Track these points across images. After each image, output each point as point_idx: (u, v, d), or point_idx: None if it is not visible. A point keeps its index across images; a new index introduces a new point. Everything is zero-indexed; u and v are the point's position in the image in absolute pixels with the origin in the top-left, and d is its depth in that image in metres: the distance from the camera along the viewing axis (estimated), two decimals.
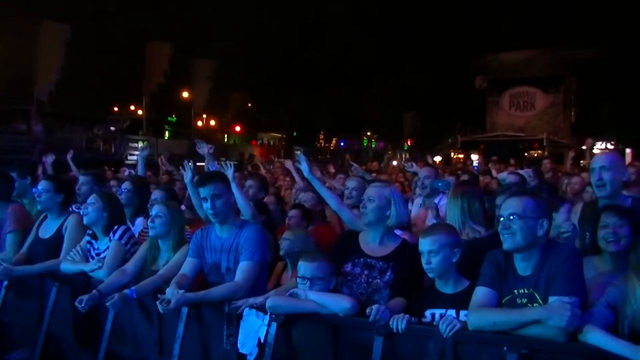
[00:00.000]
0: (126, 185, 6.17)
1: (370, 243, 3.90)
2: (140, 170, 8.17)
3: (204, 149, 6.83)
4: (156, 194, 5.71)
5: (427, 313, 3.48)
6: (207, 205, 4.13)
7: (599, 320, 2.96)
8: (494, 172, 11.60)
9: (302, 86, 35.74)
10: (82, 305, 4.02)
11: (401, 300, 3.55)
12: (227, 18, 34.79)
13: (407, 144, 55.64)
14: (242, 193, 5.20)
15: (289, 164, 9.45)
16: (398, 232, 4.54)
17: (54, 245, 5.14)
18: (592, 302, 3.13)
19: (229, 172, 4.92)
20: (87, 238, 5.00)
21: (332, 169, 14.39)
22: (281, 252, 4.84)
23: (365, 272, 3.78)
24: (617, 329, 2.99)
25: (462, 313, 3.33)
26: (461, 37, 38.49)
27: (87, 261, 4.86)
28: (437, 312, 3.46)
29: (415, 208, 6.25)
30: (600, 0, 35.27)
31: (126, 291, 4.10)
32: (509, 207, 3.19)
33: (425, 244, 3.46)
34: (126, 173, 11.42)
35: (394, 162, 30.12)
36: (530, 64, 41.04)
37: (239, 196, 4.95)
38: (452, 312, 3.40)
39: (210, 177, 4.32)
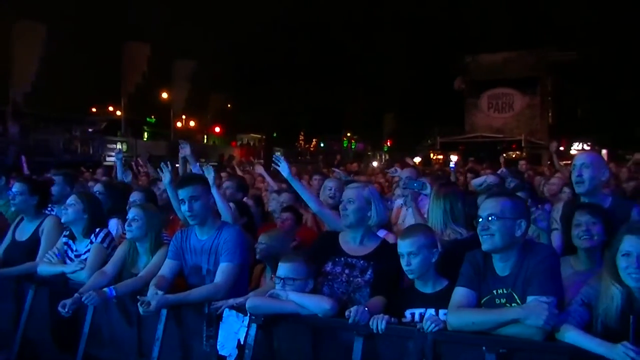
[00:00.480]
0: (98, 187, 6.15)
1: (351, 243, 3.92)
2: (119, 173, 8.09)
3: (186, 150, 6.80)
4: (134, 197, 5.64)
5: (407, 313, 3.51)
6: (184, 207, 4.15)
7: (575, 318, 3.00)
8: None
9: (282, 87, 35.70)
10: (66, 310, 3.97)
11: (381, 299, 3.57)
12: (206, 19, 34.64)
13: (387, 144, 55.92)
14: (221, 197, 5.18)
15: (259, 168, 9.43)
16: (382, 232, 4.57)
17: (30, 248, 5.07)
18: (568, 300, 3.17)
19: (210, 177, 4.92)
20: (65, 239, 4.93)
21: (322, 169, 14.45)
22: (258, 256, 4.83)
23: (346, 271, 3.79)
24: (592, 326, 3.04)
25: (442, 312, 3.36)
26: (440, 39, 38.73)
27: (65, 263, 4.80)
28: (417, 311, 3.49)
29: (395, 209, 6.27)
30: (576, 4, 35.68)
31: (105, 289, 4.08)
32: (487, 208, 3.22)
33: (404, 246, 3.48)
34: (99, 174, 11.27)
35: (374, 163, 30.24)
36: (508, 66, 41.39)
37: (219, 200, 4.95)
38: (431, 312, 3.43)
39: (189, 179, 4.32)
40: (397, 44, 38.27)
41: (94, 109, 43.49)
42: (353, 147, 61.93)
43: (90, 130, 33.38)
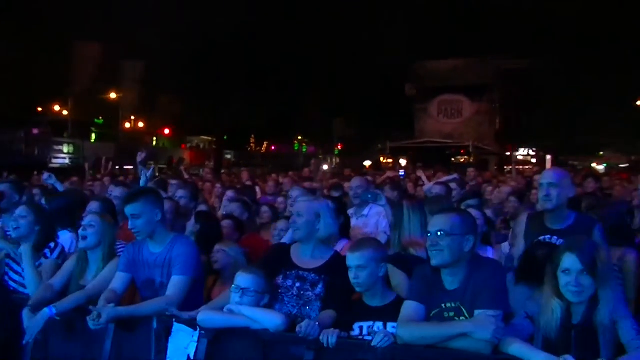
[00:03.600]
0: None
1: (302, 255, 3.91)
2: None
3: (141, 156, 6.70)
4: (92, 206, 5.43)
5: (355, 326, 3.52)
6: (130, 223, 4.11)
7: (519, 331, 3.11)
8: (424, 179, 11.90)
9: (233, 90, 35.46)
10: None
11: (331, 313, 3.58)
12: (156, 20, 34.11)
13: (338, 148, 56.24)
14: None
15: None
16: (344, 241, 4.61)
17: None
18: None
19: (143, 179, 4.84)
20: (6, 260, 4.70)
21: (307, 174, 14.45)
22: (215, 266, 4.79)
23: (297, 284, 3.78)
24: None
25: (390, 325, 3.39)
26: (391, 45, 39.12)
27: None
28: (365, 325, 3.50)
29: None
30: (523, 14, 36.64)
31: (45, 309, 3.93)
32: (436, 224, 3.29)
33: (352, 259, 3.50)
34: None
35: (325, 167, 30.32)
36: (457, 73, 42.23)
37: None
38: (379, 325, 3.46)
39: (132, 196, 4.24)
40: (348, 48, 38.48)
41: (39, 109, 42.32)
42: (304, 150, 62.08)
43: (35, 131, 32.47)
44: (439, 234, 3.22)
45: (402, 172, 15.65)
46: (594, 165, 42.73)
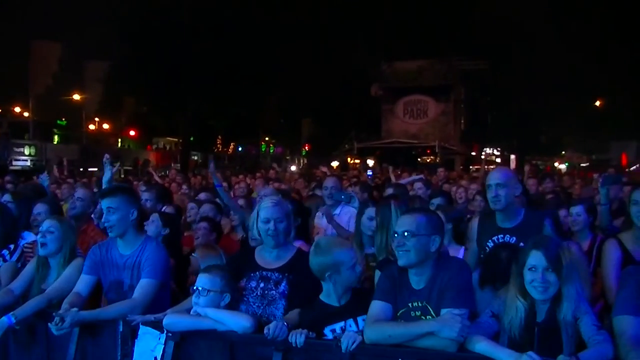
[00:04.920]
0: (6, 197, 5.82)
1: (267, 256, 3.88)
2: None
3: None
4: (39, 209, 5.31)
5: (327, 331, 3.50)
6: (104, 217, 4.09)
7: (485, 329, 3.16)
8: (393, 179, 11.96)
9: (199, 90, 35.16)
10: None
11: (298, 312, 3.58)
12: (118, 19, 33.64)
13: (305, 149, 56.24)
14: None
15: None
16: (298, 242, 4.58)
17: None
18: None
19: (106, 177, 4.81)
20: None
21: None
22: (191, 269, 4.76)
23: (261, 284, 3.76)
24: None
25: (360, 319, 3.43)
26: (357, 45, 39.32)
27: None
28: (337, 326, 3.49)
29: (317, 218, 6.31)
30: (487, 15, 37.17)
31: (4, 318, 3.81)
32: (403, 225, 3.32)
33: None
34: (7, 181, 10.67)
35: (293, 167, 30.32)
36: (422, 74, 42.65)
37: None
38: (351, 322, 3.47)
39: (110, 190, 4.29)
40: (313, 49, 38.53)
41: None
42: (271, 151, 61.96)
43: None
44: (405, 234, 3.25)
45: (369, 172, 15.73)
46: (556, 164, 43.64)
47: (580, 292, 3.13)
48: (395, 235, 3.31)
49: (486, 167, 22.81)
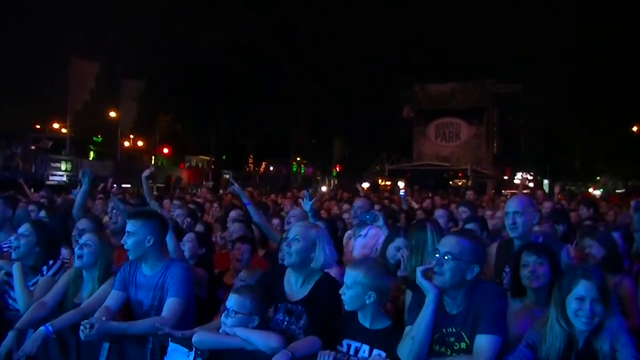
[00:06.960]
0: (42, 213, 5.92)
1: (293, 284, 3.81)
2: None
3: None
4: (83, 224, 5.38)
5: (344, 342, 3.49)
6: (123, 239, 4.13)
7: (520, 358, 3.11)
8: (413, 204, 11.77)
9: (233, 109, 35.52)
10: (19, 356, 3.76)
11: (311, 339, 3.50)
12: (155, 39, 34.25)
13: (336, 170, 56.18)
14: (175, 241, 4.91)
15: None
16: (334, 267, 4.51)
17: None
18: (514, 333, 3.29)
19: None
20: (4, 277, 4.66)
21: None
22: None
23: (287, 318, 3.70)
24: None
25: (375, 351, 3.37)
26: (390, 67, 39.43)
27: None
28: (353, 344, 3.47)
29: (345, 239, 6.26)
30: (519, 40, 37.02)
31: (41, 328, 3.90)
32: (446, 245, 3.25)
33: (345, 276, 3.49)
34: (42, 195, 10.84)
35: (324, 188, 30.26)
36: (455, 96, 42.49)
37: (170, 242, 4.75)
38: (366, 348, 3.43)
39: (134, 213, 4.28)
40: (347, 69, 38.73)
41: (37, 126, 42.33)
42: (302, 171, 62.03)
43: (33, 147, 32.40)
44: (446, 257, 3.19)
45: (402, 193, 15.61)
46: (590, 190, 42.87)
47: (621, 323, 3.06)
48: (437, 254, 3.25)
49: (514, 191, 22.50)
